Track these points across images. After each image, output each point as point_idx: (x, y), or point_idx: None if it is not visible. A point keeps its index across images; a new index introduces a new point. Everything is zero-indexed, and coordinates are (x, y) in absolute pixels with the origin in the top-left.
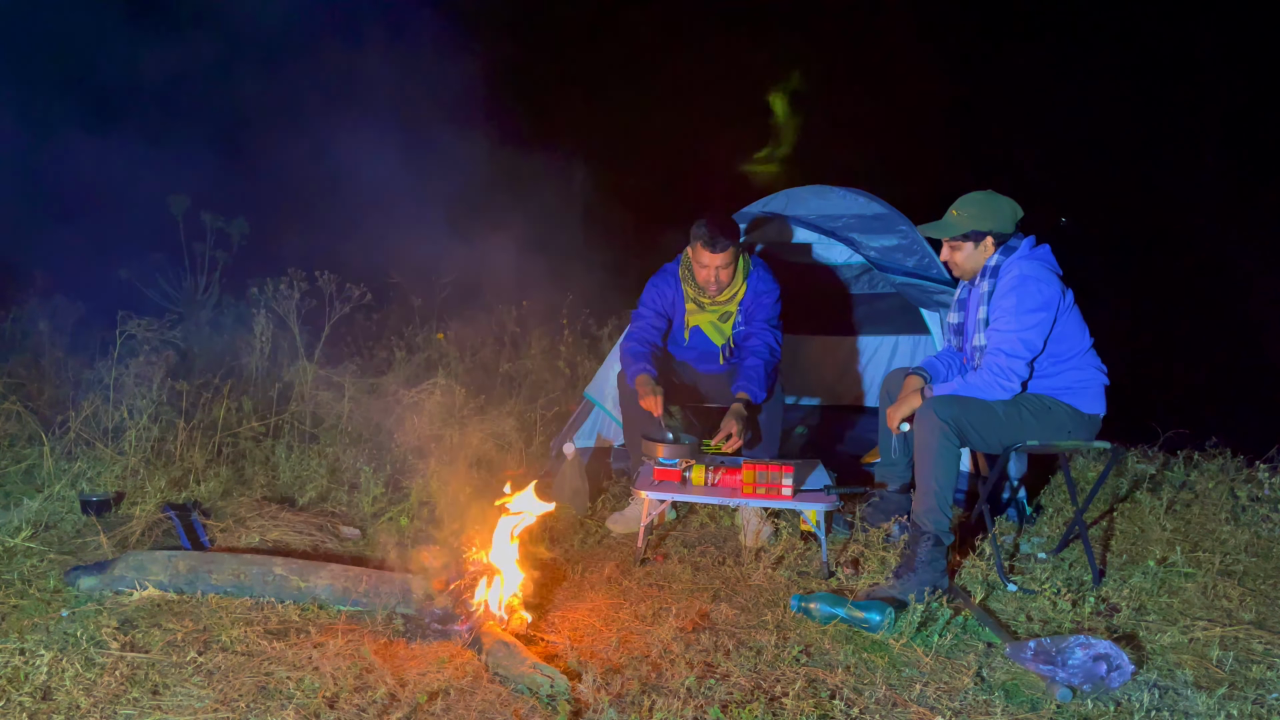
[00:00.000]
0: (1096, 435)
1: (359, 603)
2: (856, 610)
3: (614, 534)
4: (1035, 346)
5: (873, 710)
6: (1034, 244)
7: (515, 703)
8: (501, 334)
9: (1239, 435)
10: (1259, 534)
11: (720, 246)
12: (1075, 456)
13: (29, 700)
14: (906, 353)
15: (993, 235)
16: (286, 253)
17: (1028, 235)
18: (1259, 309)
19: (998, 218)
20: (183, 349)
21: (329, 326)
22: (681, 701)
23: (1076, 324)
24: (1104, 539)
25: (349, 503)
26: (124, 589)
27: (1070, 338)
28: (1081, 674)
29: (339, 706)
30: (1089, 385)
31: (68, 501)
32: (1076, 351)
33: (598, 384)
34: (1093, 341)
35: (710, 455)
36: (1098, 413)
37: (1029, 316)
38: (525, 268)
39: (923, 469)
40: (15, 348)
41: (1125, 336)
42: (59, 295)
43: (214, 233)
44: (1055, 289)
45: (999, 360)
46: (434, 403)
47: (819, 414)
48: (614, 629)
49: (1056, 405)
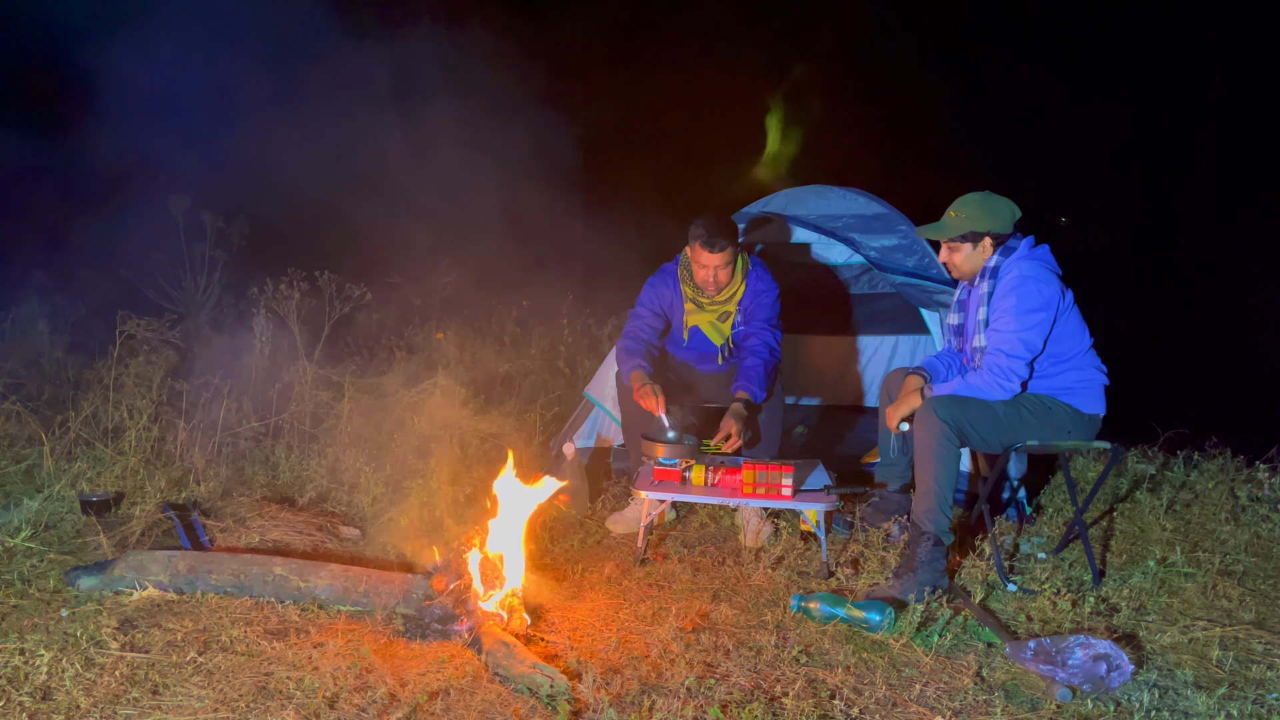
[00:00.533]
0: (1096, 435)
1: (359, 603)
2: (856, 610)
3: (614, 534)
4: (1035, 347)
5: (873, 710)
6: (1033, 244)
7: (515, 703)
8: (501, 334)
9: (1239, 435)
10: (1259, 534)
11: (718, 247)
12: (1075, 456)
13: (29, 700)
14: (906, 353)
15: (991, 236)
16: (291, 253)
17: (1026, 235)
18: (1259, 309)
19: (996, 218)
20: (183, 349)
21: (329, 326)
22: (681, 701)
23: (1076, 324)
24: (1104, 539)
25: (349, 503)
26: (124, 589)
27: (1070, 338)
28: (1081, 674)
29: (339, 706)
30: (1089, 385)
31: (68, 501)
32: (1076, 352)
33: (598, 384)
34: (1093, 341)
35: (710, 455)
36: (1098, 413)
37: (1029, 317)
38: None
39: (923, 469)
40: (15, 348)
41: (1125, 336)
42: (59, 295)
43: (214, 232)
44: (1055, 289)
45: (999, 361)
46: (434, 403)
47: (819, 414)
48: (614, 629)
49: (1057, 405)
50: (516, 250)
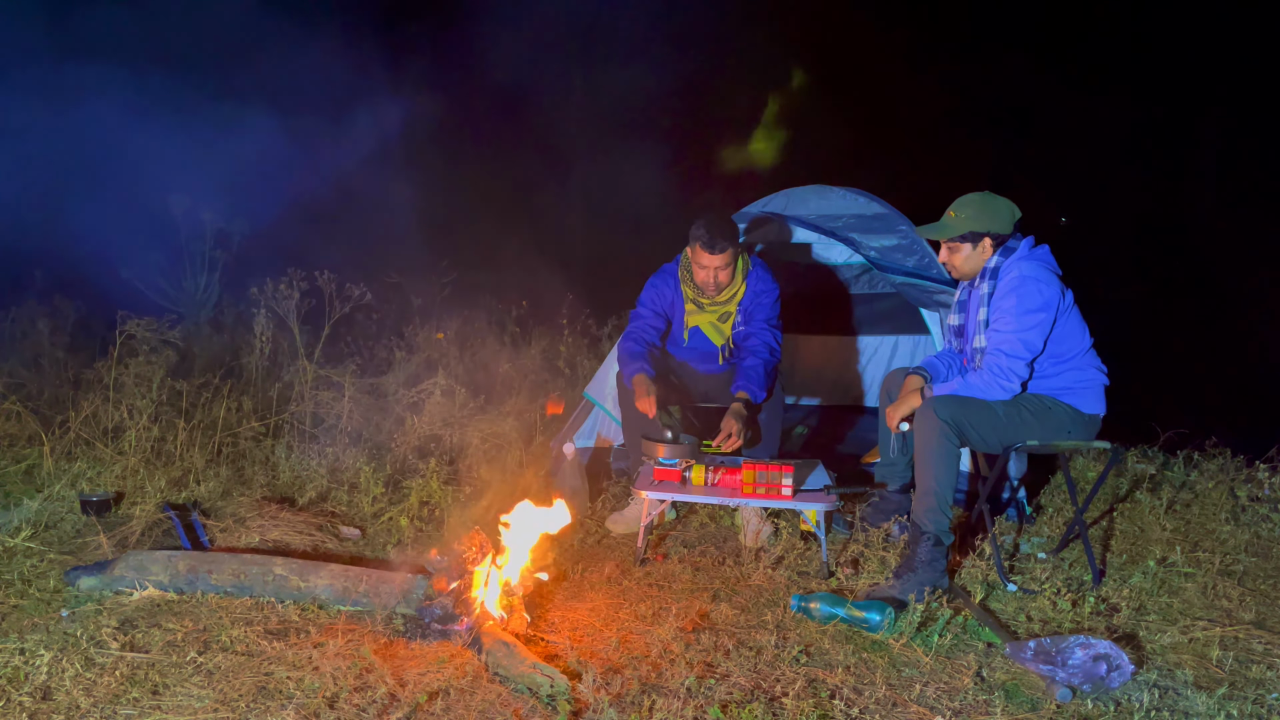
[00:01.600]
0: (1096, 435)
1: (359, 603)
2: (856, 610)
3: (614, 534)
4: (1035, 347)
5: (873, 710)
6: (1033, 244)
7: (515, 703)
8: (502, 334)
9: (1239, 435)
10: (1259, 534)
11: (719, 248)
12: (1075, 456)
13: (29, 700)
14: (906, 353)
15: (990, 236)
16: (292, 252)
17: (1026, 235)
18: (1259, 308)
19: (995, 219)
20: (183, 349)
21: (329, 326)
22: (681, 701)
23: (1077, 324)
24: (1104, 539)
25: (349, 503)
26: (124, 589)
27: (1070, 338)
28: (1081, 674)
29: (339, 706)
30: (1089, 385)
31: (68, 501)
32: (1076, 352)
33: (598, 384)
34: (1093, 342)
35: (710, 455)
36: (1098, 413)
37: (1029, 317)
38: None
39: (923, 469)
40: (15, 348)
41: (1125, 336)
42: (59, 295)
43: (214, 232)
44: (1055, 289)
45: (999, 361)
46: (434, 403)
47: (819, 414)
48: (614, 629)
49: (1057, 405)
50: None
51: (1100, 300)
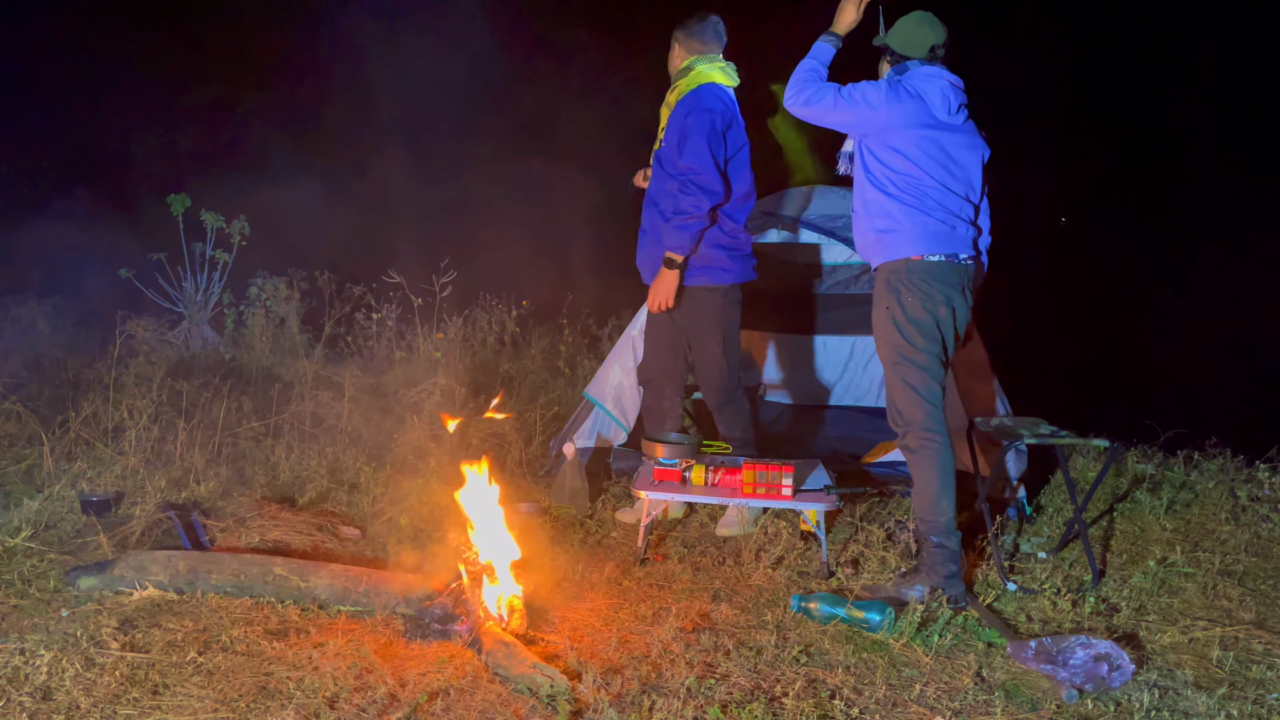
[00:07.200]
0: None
1: (359, 603)
2: (856, 610)
3: (625, 524)
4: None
5: (873, 710)
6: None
7: (515, 703)
8: (502, 334)
9: (1239, 435)
10: (1259, 534)
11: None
12: (1074, 455)
13: (29, 700)
14: None
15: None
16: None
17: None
18: (1259, 308)
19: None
20: (183, 349)
21: (329, 326)
22: (681, 701)
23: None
24: (1104, 539)
25: (349, 503)
26: (124, 589)
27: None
28: (1083, 674)
29: (339, 706)
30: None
31: (68, 501)
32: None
33: (598, 384)
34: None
35: (710, 455)
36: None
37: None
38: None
39: (919, 470)
40: (15, 348)
41: (1126, 336)
42: (59, 295)
43: (214, 232)
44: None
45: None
46: (434, 403)
47: (819, 413)
48: (614, 629)
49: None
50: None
51: (1100, 300)
